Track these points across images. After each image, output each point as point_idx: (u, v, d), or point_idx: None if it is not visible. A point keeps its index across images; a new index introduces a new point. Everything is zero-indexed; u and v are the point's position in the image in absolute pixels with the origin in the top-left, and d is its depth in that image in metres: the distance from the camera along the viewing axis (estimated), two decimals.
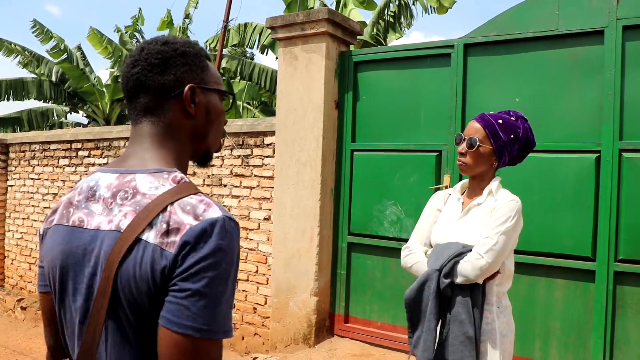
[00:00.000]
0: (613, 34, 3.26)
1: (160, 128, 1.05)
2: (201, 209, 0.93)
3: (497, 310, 2.00)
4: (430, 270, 1.99)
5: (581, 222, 3.33)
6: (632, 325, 3.23)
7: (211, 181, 4.98)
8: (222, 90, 1.14)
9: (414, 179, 3.95)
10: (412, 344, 2.07)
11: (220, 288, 0.90)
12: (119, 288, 0.91)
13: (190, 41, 1.10)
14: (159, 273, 0.89)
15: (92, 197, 1.01)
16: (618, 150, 3.24)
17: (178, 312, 0.87)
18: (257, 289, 4.68)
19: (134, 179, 0.99)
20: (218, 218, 0.92)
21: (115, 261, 0.91)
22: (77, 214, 1.01)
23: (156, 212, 0.92)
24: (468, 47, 3.77)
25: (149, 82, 1.04)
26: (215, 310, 0.89)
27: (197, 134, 1.09)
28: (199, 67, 1.08)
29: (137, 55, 1.06)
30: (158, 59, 1.04)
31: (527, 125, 2.09)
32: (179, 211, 0.92)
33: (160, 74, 1.03)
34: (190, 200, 0.94)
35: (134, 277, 0.90)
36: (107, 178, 1.01)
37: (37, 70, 13.37)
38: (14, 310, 6.40)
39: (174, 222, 0.91)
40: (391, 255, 4.05)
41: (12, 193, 7.03)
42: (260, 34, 10.98)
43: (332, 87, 4.29)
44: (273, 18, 4.41)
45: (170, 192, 0.95)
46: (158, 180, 0.98)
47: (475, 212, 2.05)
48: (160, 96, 1.04)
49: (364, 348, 4.06)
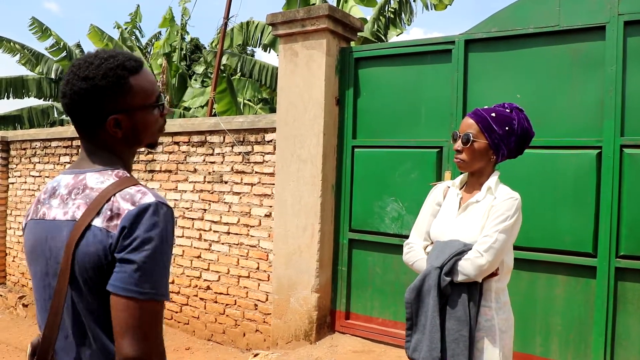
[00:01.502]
0: (614, 30, 3.25)
1: (96, 144, 1.22)
2: (138, 197, 1.12)
3: (496, 306, 1.99)
4: (430, 267, 1.99)
5: (582, 218, 3.33)
6: (633, 322, 3.23)
7: (212, 178, 4.98)
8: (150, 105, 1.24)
9: (415, 176, 3.95)
10: (410, 349, 2.04)
11: (156, 258, 1.08)
12: (76, 267, 1.10)
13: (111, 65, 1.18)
14: (107, 250, 1.09)
15: (53, 195, 1.21)
16: (619, 146, 3.24)
17: (123, 279, 1.06)
18: (258, 286, 4.69)
19: (85, 177, 1.19)
20: (151, 202, 1.11)
21: (72, 245, 1.10)
22: (42, 209, 1.22)
23: (102, 202, 1.12)
24: (469, 43, 3.76)
25: (76, 114, 1.20)
26: (153, 277, 1.07)
27: (130, 143, 1.26)
28: (121, 93, 1.18)
29: (65, 87, 1.20)
30: (80, 96, 1.17)
31: (523, 115, 2.06)
32: (120, 200, 1.12)
33: (84, 109, 1.18)
34: (130, 190, 1.14)
35: (88, 256, 1.10)
36: (66, 178, 1.22)
37: (37, 68, 13.37)
38: (15, 307, 6.41)
39: (116, 209, 1.10)
40: (392, 252, 4.05)
41: (14, 190, 7.04)
42: (262, 32, 10.97)
43: (333, 84, 4.29)
44: (274, 14, 4.40)
45: (114, 185, 1.15)
46: (103, 176, 1.17)
47: (474, 210, 2.04)
48: (88, 125, 1.20)
49: (365, 344, 4.06)
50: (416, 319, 2.03)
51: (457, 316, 1.93)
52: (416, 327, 2.03)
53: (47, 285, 1.18)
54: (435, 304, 1.95)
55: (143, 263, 1.06)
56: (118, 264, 1.07)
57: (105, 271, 1.09)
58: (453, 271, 1.94)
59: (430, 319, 1.95)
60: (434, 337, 1.93)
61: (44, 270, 1.18)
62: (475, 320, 1.94)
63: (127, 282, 1.06)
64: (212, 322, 4.99)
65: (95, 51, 1.22)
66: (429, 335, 1.94)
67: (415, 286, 2.02)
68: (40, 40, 12.80)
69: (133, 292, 1.05)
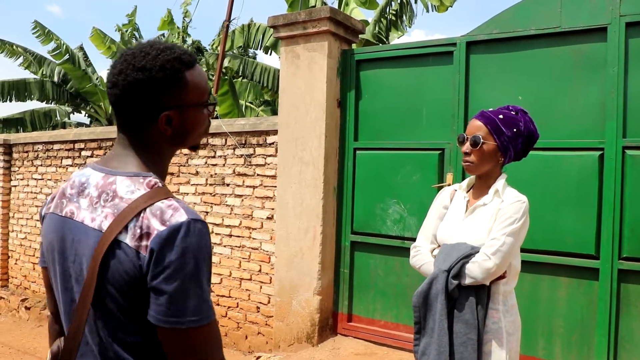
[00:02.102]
0: (616, 31, 3.24)
1: (139, 141, 1.15)
2: (168, 215, 1.04)
3: (503, 309, 1.99)
4: (438, 271, 1.98)
5: (585, 220, 3.32)
6: (636, 324, 3.22)
7: (214, 180, 4.99)
8: (202, 104, 1.18)
9: (417, 178, 3.94)
10: (418, 352, 2.03)
11: (192, 284, 1.01)
12: (103, 280, 1.04)
13: (169, 57, 1.11)
14: (137, 271, 1.03)
15: (81, 193, 1.13)
16: (621, 148, 3.23)
17: (160, 311, 1.01)
18: (261, 288, 4.69)
19: (115, 181, 1.10)
20: (182, 222, 1.02)
21: (98, 258, 1.03)
22: (69, 207, 1.14)
23: (130, 217, 1.04)
24: (470, 45, 3.76)
25: (125, 107, 1.12)
26: (191, 304, 1.01)
27: (176, 143, 1.19)
28: (176, 88, 1.12)
29: (116, 77, 1.11)
30: (134, 87, 1.09)
31: (528, 117, 2.07)
32: (150, 216, 1.04)
33: (137, 101, 1.10)
34: (160, 205, 1.05)
35: (117, 272, 1.03)
36: (96, 176, 1.14)
37: (39, 72, 13.40)
38: (18, 310, 6.42)
39: (145, 227, 1.03)
40: (394, 254, 4.05)
41: (16, 193, 7.05)
42: (263, 34, 10.98)
43: (335, 86, 4.29)
44: (275, 17, 4.41)
45: (144, 198, 1.06)
46: (134, 184, 1.09)
47: (481, 212, 2.04)
48: (138, 119, 1.13)
49: (367, 347, 4.06)
50: (424, 323, 2.03)
51: (465, 319, 1.93)
52: (424, 331, 2.03)
53: (70, 289, 1.13)
54: (443, 308, 1.94)
55: (177, 293, 1.00)
56: (152, 294, 1.02)
57: (134, 288, 1.04)
58: (460, 274, 1.94)
59: (438, 322, 1.94)
60: (442, 340, 1.93)
61: (67, 272, 1.13)
62: (483, 324, 1.94)
63: (165, 314, 1.01)
64: None
65: (147, 42, 1.14)
66: (437, 339, 1.94)
67: (423, 290, 2.01)
68: (43, 44, 12.83)
69: (172, 322, 1.01)
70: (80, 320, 1.07)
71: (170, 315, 1.00)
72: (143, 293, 1.03)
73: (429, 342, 1.98)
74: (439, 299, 1.95)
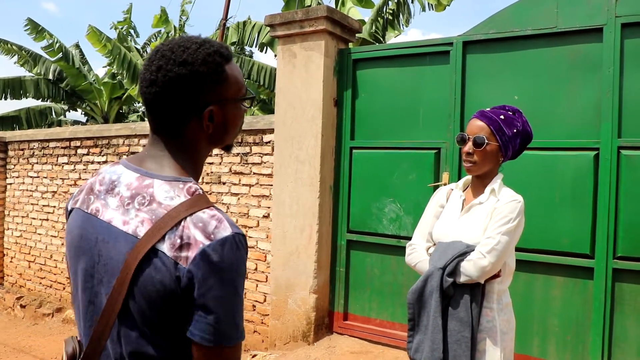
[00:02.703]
0: (612, 32, 3.26)
1: (177, 141, 1.10)
2: (212, 227, 0.99)
3: (497, 307, 2.00)
4: (433, 268, 1.99)
5: (580, 220, 3.34)
6: (630, 323, 3.23)
7: (210, 179, 4.98)
8: (242, 98, 1.14)
9: (413, 177, 3.95)
10: (412, 349, 2.04)
11: (233, 301, 1.00)
12: (134, 289, 1.00)
13: (209, 50, 1.08)
14: (174, 282, 0.98)
15: (111, 191, 1.08)
16: (617, 148, 3.25)
17: (205, 329, 0.97)
18: (256, 287, 4.69)
19: (152, 184, 1.05)
20: (228, 237, 0.99)
21: (133, 266, 0.99)
22: (96, 204, 1.09)
23: (170, 225, 0.99)
24: (467, 44, 3.77)
25: (166, 104, 1.06)
26: (232, 321, 1.00)
27: (214, 141, 1.14)
28: (218, 82, 1.08)
29: (155, 74, 1.06)
30: (177, 82, 1.04)
31: (524, 118, 2.10)
32: (192, 227, 0.98)
33: (178, 98, 1.05)
34: (203, 216, 1.00)
35: (150, 281, 0.98)
36: (128, 176, 1.08)
37: (35, 69, 13.35)
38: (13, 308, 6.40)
39: (186, 237, 0.98)
40: (390, 253, 4.06)
41: (11, 191, 7.03)
42: (259, 32, 10.97)
43: (331, 85, 4.29)
44: (272, 16, 4.41)
45: (184, 205, 1.01)
46: (174, 190, 1.04)
47: (477, 211, 2.05)
48: (178, 117, 1.08)
49: (363, 345, 4.07)
50: (418, 320, 2.04)
51: (459, 317, 1.94)
52: (418, 328, 2.04)
53: (90, 289, 1.08)
54: (437, 305, 1.95)
55: (226, 313, 0.98)
56: (196, 309, 0.98)
57: (166, 300, 0.99)
58: (456, 272, 1.95)
59: (433, 319, 1.95)
60: (436, 337, 1.94)
61: (89, 271, 1.08)
62: (477, 322, 1.95)
63: (213, 333, 0.98)
64: None
65: (182, 37, 1.10)
66: (431, 336, 1.95)
67: (418, 287, 2.02)
68: (36, 40, 12.77)
69: (216, 341, 0.98)
70: (105, 326, 1.03)
71: (215, 333, 0.97)
72: (175, 306, 0.99)
73: (423, 339, 1.99)
74: (433, 296, 1.96)
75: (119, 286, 1.01)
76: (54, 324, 5.91)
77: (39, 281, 6.64)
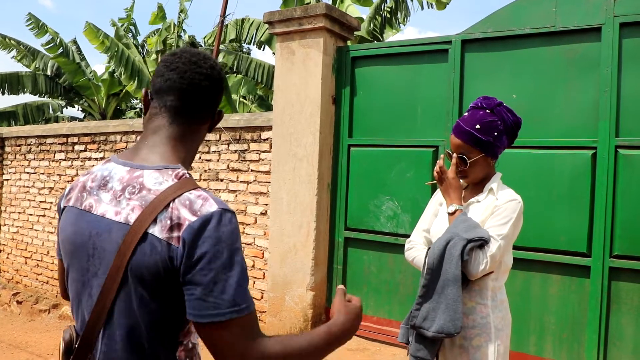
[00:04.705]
0: (610, 31, 3.26)
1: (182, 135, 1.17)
2: (199, 204, 1.03)
3: (492, 304, 2.00)
4: (455, 235, 1.93)
5: (577, 218, 3.35)
6: (626, 321, 3.25)
7: (208, 176, 4.98)
8: None
9: (411, 175, 3.96)
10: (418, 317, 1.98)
11: (228, 274, 0.99)
12: (129, 274, 1.03)
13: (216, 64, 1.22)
14: (168, 263, 1.01)
15: (103, 187, 1.13)
16: (614, 147, 3.26)
17: (199, 306, 0.98)
18: (254, 284, 4.69)
19: (142, 174, 1.09)
20: (214, 212, 1.02)
21: (127, 252, 1.02)
22: (89, 200, 1.14)
23: (160, 208, 1.03)
24: (465, 43, 3.78)
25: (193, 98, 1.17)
26: (228, 294, 0.99)
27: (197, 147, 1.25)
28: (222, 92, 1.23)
29: (179, 82, 1.15)
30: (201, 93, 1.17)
31: (503, 108, 2.05)
32: (180, 207, 1.03)
33: (199, 107, 1.18)
34: (190, 196, 1.04)
35: (146, 266, 1.02)
36: (120, 171, 1.13)
37: (33, 65, 13.30)
38: (9, 304, 6.39)
39: (176, 218, 1.01)
40: (387, 251, 4.06)
41: (8, 187, 7.01)
42: (257, 29, 10.96)
43: (330, 83, 4.29)
44: (270, 13, 4.40)
45: (172, 188, 1.05)
46: (162, 176, 1.08)
47: (474, 209, 2.06)
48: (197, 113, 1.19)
49: (360, 342, 4.07)
50: (432, 287, 1.98)
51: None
52: (429, 296, 1.98)
53: (86, 282, 1.11)
54: (460, 274, 1.91)
55: (213, 284, 0.98)
56: (188, 287, 1.00)
57: (162, 283, 1.02)
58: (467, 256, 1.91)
59: (453, 289, 1.91)
60: (458, 307, 1.89)
61: (84, 266, 1.11)
62: None
63: (202, 307, 0.98)
64: None
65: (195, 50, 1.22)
66: (452, 305, 1.90)
67: (439, 252, 1.95)
68: (37, 36, 12.73)
69: (212, 316, 0.98)
70: (101, 313, 1.06)
71: (208, 307, 0.98)
72: (171, 287, 1.02)
73: (435, 307, 1.95)
74: (453, 264, 1.91)
75: (113, 274, 1.04)
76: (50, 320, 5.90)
77: (36, 277, 6.63)
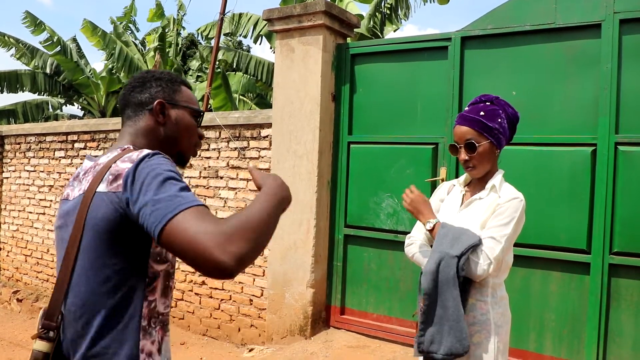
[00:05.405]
0: (610, 28, 3.26)
1: (135, 130, 1.39)
2: (135, 156, 1.20)
3: (492, 301, 2.01)
4: (444, 255, 1.94)
5: (577, 215, 3.35)
6: (626, 318, 3.25)
7: (207, 173, 4.98)
8: (191, 107, 1.45)
9: (411, 172, 3.96)
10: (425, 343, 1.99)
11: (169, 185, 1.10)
12: (87, 230, 1.19)
13: (169, 72, 1.47)
14: (118, 210, 1.15)
15: (77, 177, 1.34)
16: (614, 144, 3.26)
17: (153, 217, 1.07)
18: (254, 281, 4.69)
19: (100, 158, 1.31)
20: (146, 154, 1.18)
21: (83, 214, 1.20)
22: (67, 190, 1.35)
23: (105, 170, 1.21)
24: (465, 40, 3.77)
25: (131, 99, 1.41)
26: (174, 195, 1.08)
27: (168, 138, 1.40)
28: (172, 89, 1.42)
29: (128, 81, 1.43)
30: (138, 82, 1.41)
31: (502, 101, 2.09)
32: (120, 163, 1.20)
33: (139, 93, 1.40)
34: (130, 155, 1.22)
35: (97, 220, 1.18)
36: (88, 163, 1.34)
37: (32, 63, 13.28)
38: (9, 302, 6.40)
39: (115, 172, 1.18)
40: (387, 248, 4.06)
41: (8, 185, 7.01)
42: (255, 25, 10.94)
43: (329, 80, 4.29)
44: (270, 10, 4.39)
45: (117, 156, 1.25)
46: (112, 153, 1.29)
47: (476, 206, 2.06)
48: (138, 109, 1.40)
49: (360, 340, 4.08)
50: (433, 310, 1.99)
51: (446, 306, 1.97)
52: (430, 320, 1.99)
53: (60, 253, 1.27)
54: (457, 295, 1.92)
55: (159, 193, 1.08)
56: (141, 214, 1.09)
57: (119, 230, 1.16)
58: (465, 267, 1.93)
59: (454, 309, 1.92)
60: (462, 327, 1.91)
61: (60, 243, 1.28)
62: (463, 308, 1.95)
63: (159, 215, 1.05)
64: (207, 317, 5.00)
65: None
66: (456, 326, 1.91)
67: (432, 276, 1.96)
68: (34, 34, 12.70)
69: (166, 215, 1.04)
70: (68, 264, 1.22)
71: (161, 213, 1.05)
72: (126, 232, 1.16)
73: (439, 330, 1.96)
74: (451, 284, 1.92)
75: (75, 233, 1.21)
76: None
77: (36, 275, 6.63)
